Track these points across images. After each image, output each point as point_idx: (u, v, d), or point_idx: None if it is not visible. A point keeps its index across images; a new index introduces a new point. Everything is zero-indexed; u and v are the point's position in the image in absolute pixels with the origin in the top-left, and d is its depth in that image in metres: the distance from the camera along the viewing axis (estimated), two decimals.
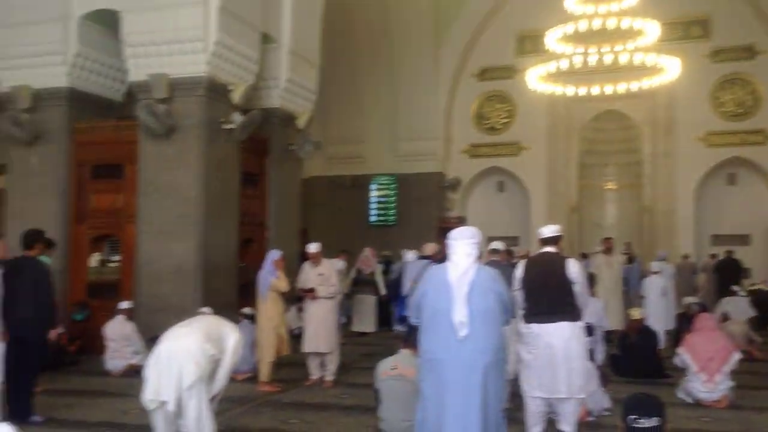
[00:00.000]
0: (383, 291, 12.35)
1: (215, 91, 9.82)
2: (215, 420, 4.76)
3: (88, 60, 10.63)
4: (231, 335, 4.89)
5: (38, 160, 10.51)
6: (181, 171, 9.73)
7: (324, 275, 7.85)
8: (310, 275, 7.93)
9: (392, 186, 18.30)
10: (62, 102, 10.45)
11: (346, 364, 8.57)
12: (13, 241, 9.76)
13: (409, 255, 11.76)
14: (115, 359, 8.40)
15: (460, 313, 3.69)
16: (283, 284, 7.54)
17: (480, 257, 4.01)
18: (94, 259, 10.46)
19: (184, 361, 4.53)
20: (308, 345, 7.82)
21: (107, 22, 10.39)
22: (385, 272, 13.23)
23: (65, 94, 10.42)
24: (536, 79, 14.49)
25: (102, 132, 10.58)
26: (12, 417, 5.84)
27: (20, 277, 6.09)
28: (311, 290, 7.83)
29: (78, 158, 10.56)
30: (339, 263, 11.72)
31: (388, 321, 12.61)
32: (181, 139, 9.72)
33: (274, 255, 7.78)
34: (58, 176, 10.43)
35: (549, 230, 5.45)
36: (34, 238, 6.36)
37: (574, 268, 5.25)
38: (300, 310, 10.93)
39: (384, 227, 18.16)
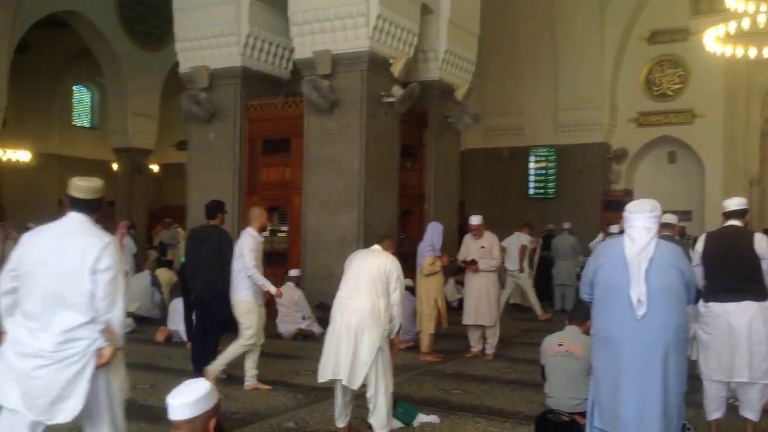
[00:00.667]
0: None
1: (376, 65, 9.97)
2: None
3: (258, 39, 11.17)
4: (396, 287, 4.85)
5: (215, 136, 11.23)
6: (343, 144, 10.01)
7: (485, 248, 7.78)
8: (471, 248, 7.88)
9: (551, 158, 17.71)
10: (236, 81, 11.08)
11: (506, 338, 8.49)
12: (195, 212, 10.67)
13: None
14: (285, 323, 8.86)
15: (638, 291, 3.48)
16: (436, 265, 7.60)
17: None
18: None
19: (361, 335, 4.60)
20: (469, 317, 7.81)
21: (276, 1, 10.84)
22: (546, 246, 12.92)
23: (238, 73, 11.03)
24: (713, 40, 13.34)
25: (270, 108, 11.11)
26: (197, 374, 6.35)
27: (204, 244, 6.58)
28: (473, 262, 7.79)
29: (250, 134, 11.17)
30: (523, 237, 11.30)
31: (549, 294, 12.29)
32: (343, 114, 10.00)
33: (435, 228, 7.82)
34: (233, 151, 11.10)
35: (735, 203, 5.03)
36: (216, 209, 6.80)
37: (762, 243, 4.81)
38: (458, 282, 10.97)
39: (543, 200, 17.68)
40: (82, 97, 25.29)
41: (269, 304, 9.32)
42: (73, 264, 3.21)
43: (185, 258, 7.28)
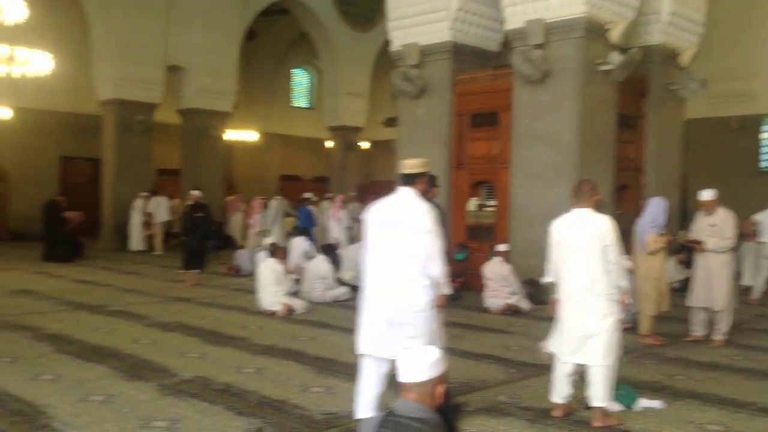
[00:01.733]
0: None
1: (592, 31, 9.48)
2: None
3: (468, 13, 11.11)
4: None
5: (424, 112, 11.41)
6: (555, 116, 9.68)
7: (717, 226, 7.10)
8: (701, 225, 7.25)
9: None
10: (445, 56, 11.13)
11: (736, 323, 7.75)
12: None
13: None
14: (494, 298, 8.83)
15: None
16: (660, 242, 7.05)
17: None
18: (472, 204, 11.08)
19: (595, 322, 4.46)
20: (696, 299, 7.22)
21: None
22: None
23: (448, 48, 11.07)
24: None
25: (479, 82, 11.03)
26: None
27: None
28: (698, 242, 7.17)
29: (458, 108, 11.19)
30: None
31: None
32: (556, 84, 9.65)
33: (657, 203, 7.29)
34: (441, 126, 11.20)
35: None
36: (428, 183, 6.88)
37: None
38: (681, 262, 10.20)
39: None
40: (300, 80, 27.00)
41: (477, 278, 9.39)
42: (412, 227, 4.07)
43: None
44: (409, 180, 4.24)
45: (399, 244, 4.10)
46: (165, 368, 5.72)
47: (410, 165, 4.30)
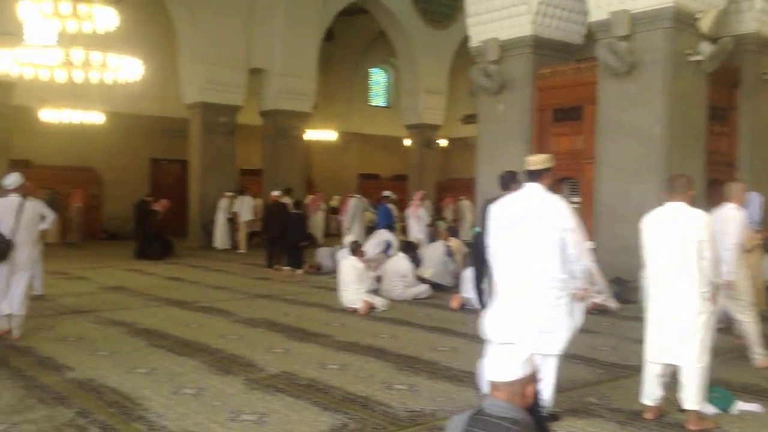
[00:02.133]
0: None
1: (681, 21, 9.12)
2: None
3: (550, 6, 10.89)
4: None
5: (504, 108, 11.25)
6: (642, 109, 9.37)
7: None
8: None
9: None
10: (526, 50, 10.95)
11: None
12: (484, 183, 10.84)
13: None
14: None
15: None
16: (755, 239, 6.71)
17: None
18: None
19: (689, 320, 4.30)
20: None
21: None
22: None
23: (529, 42, 10.88)
24: None
25: (562, 76, 10.79)
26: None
27: None
28: None
29: (540, 103, 10.99)
30: None
31: None
32: (643, 76, 9.34)
33: (753, 199, 6.94)
34: (522, 122, 11.02)
35: None
36: (510, 180, 6.81)
37: None
38: None
39: None
40: (378, 79, 27.15)
41: None
42: (545, 223, 4.19)
43: (481, 228, 7.41)
44: (536, 176, 4.35)
45: (531, 240, 4.22)
46: (252, 363, 5.86)
47: (535, 161, 4.41)
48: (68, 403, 4.69)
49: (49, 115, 16.98)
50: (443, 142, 24.57)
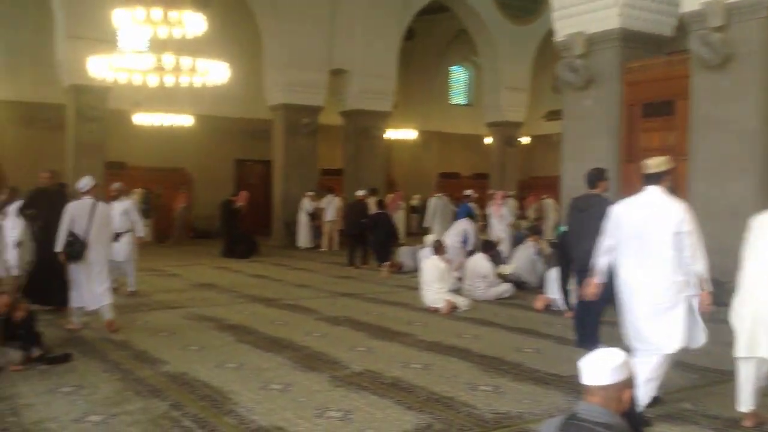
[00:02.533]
0: None
1: None
2: None
3: None
4: None
5: (591, 103, 10.95)
6: (737, 103, 8.93)
7: None
8: None
9: None
10: (614, 44, 10.61)
11: None
12: (569, 181, 10.58)
13: None
14: None
15: None
16: None
17: None
18: None
19: None
20: None
21: None
22: None
23: (617, 35, 10.54)
24: None
25: (652, 69, 10.42)
26: (580, 344, 6.30)
27: (586, 213, 6.45)
28: None
29: (628, 98, 10.63)
30: None
31: None
32: (738, 69, 8.89)
33: None
34: (610, 117, 10.69)
35: None
36: (597, 177, 6.63)
37: None
38: None
39: None
40: (458, 77, 26.98)
41: None
42: (667, 225, 4.31)
43: (568, 227, 7.24)
44: (655, 179, 4.49)
45: (652, 243, 4.35)
46: (336, 360, 5.92)
47: (654, 164, 4.54)
48: (163, 395, 4.87)
49: (142, 118, 17.75)
50: (525, 140, 24.18)
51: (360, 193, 13.48)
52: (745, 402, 4.30)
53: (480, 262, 9.63)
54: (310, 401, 4.75)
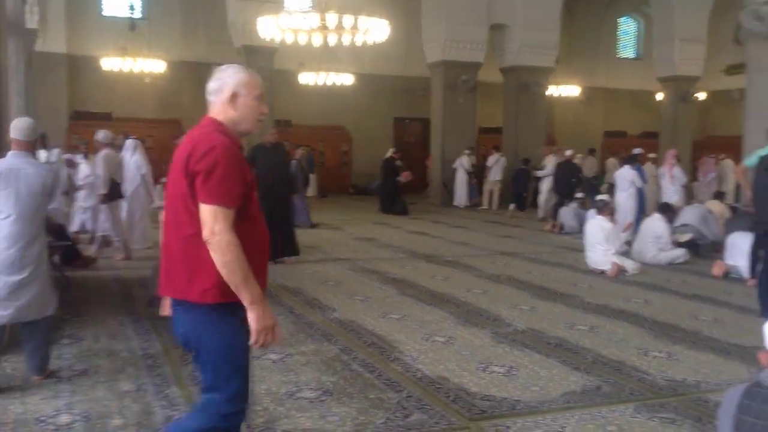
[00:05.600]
0: None
1: None
2: None
3: None
4: None
5: None
6: None
7: None
8: None
9: None
10: None
11: None
12: (754, 139, 9.70)
13: None
14: None
15: None
16: None
17: None
18: None
19: None
20: None
21: None
22: None
23: None
24: None
25: None
26: (764, 314, 5.81)
27: None
28: None
29: None
30: None
31: None
32: None
33: None
34: None
35: None
36: None
37: None
38: None
39: None
40: (627, 29, 25.44)
41: None
42: None
43: (755, 188, 6.65)
44: None
45: None
46: (498, 317, 5.90)
47: None
48: (333, 340, 5.11)
49: (307, 77, 18.39)
50: (701, 96, 22.42)
51: (568, 152, 13.63)
52: None
53: (656, 222, 9.09)
54: (474, 355, 4.78)
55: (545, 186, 14.62)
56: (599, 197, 9.36)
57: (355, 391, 4.02)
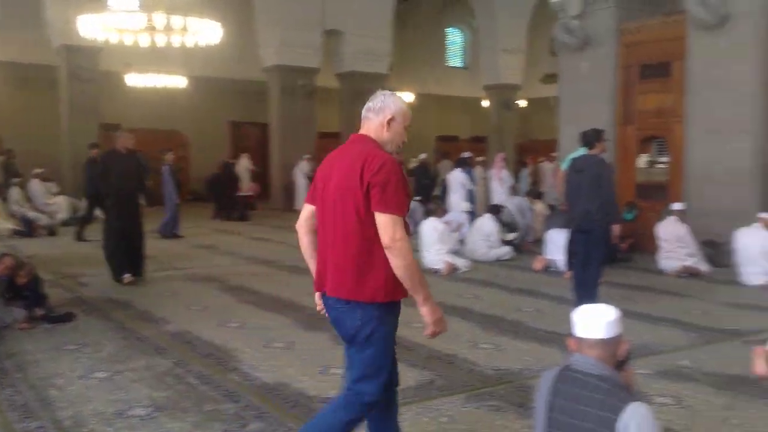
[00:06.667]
0: None
1: None
2: None
3: None
4: None
5: (588, 65, 10.88)
6: (735, 64, 8.94)
7: None
8: None
9: None
10: (610, 4, 10.53)
11: None
12: (567, 144, 10.57)
13: None
14: (669, 260, 8.36)
15: None
16: None
17: None
18: (642, 161, 10.50)
19: None
20: None
21: None
22: None
23: None
24: None
25: (648, 30, 10.33)
26: (579, 304, 6.36)
27: (583, 174, 6.45)
28: None
29: (625, 60, 10.56)
30: None
31: None
32: (735, 29, 8.91)
33: None
34: (607, 79, 10.63)
35: None
36: (594, 138, 6.60)
37: None
38: None
39: None
40: (455, 39, 26.69)
41: (648, 239, 8.94)
42: None
43: (566, 188, 7.24)
44: None
45: None
46: None
47: None
48: (166, 354, 4.92)
49: (135, 79, 17.53)
50: (523, 103, 24.05)
51: (422, 156, 14.82)
52: None
53: (486, 222, 9.65)
54: (314, 358, 4.81)
55: None
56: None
57: (190, 405, 3.91)
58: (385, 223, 2.55)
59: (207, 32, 13.57)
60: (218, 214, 15.26)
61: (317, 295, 2.88)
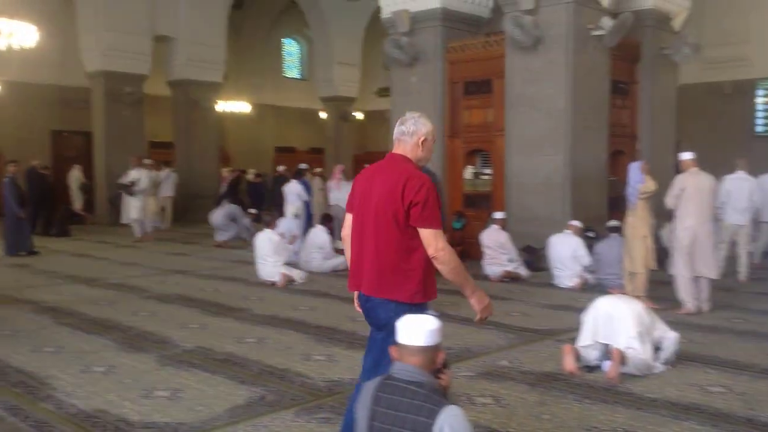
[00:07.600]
0: None
1: None
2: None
3: None
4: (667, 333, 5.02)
5: (417, 80, 11.32)
6: (547, 83, 9.65)
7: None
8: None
9: None
10: (436, 23, 11.01)
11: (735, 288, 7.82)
12: None
13: None
14: (492, 265, 8.86)
15: None
16: (650, 185, 7.06)
17: None
18: (468, 172, 11.06)
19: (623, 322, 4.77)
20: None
21: None
22: None
23: (439, 14, 10.94)
24: None
25: (471, 49, 10.93)
26: None
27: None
28: None
29: (451, 76, 11.10)
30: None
31: None
32: (548, 50, 9.61)
33: (636, 165, 7.29)
34: (435, 94, 11.11)
35: None
36: None
37: None
38: None
39: None
40: (291, 50, 26.66)
41: (475, 246, 9.42)
42: None
43: None
44: None
45: None
46: (166, 339, 5.75)
47: None
48: None
49: None
50: (359, 115, 24.51)
51: (281, 168, 14.73)
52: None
53: (318, 233, 9.70)
54: (137, 382, 4.58)
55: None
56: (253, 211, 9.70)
57: None
58: (428, 237, 2.90)
59: (21, 35, 12.57)
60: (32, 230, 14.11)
61: (355, 294, 3.23)
